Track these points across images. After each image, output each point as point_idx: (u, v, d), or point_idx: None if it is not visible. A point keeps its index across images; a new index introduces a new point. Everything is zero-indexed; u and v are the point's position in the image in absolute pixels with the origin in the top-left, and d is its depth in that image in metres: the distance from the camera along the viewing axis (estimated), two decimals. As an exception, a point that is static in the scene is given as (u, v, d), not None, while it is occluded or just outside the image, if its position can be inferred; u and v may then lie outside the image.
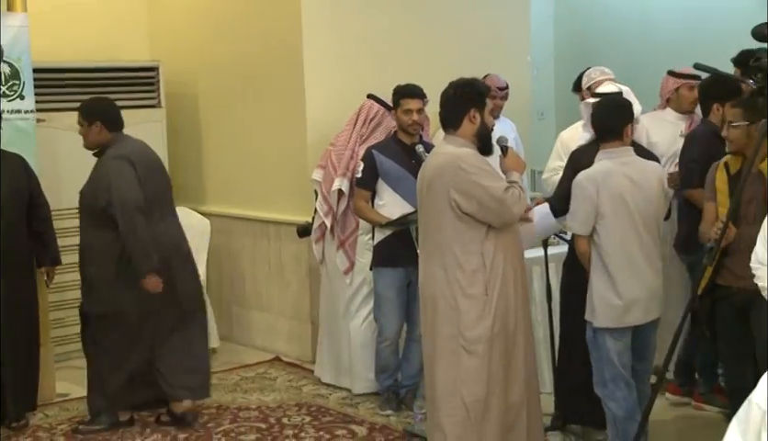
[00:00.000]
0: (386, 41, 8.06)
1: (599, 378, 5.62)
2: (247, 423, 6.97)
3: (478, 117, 5.36)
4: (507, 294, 5.32)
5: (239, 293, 8.86)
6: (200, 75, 8.96)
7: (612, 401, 5.58)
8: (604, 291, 5.52)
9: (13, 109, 7.34)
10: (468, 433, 5.28)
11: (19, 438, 6.86)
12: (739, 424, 3.68)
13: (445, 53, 8.16)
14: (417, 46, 8.12)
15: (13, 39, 7.33)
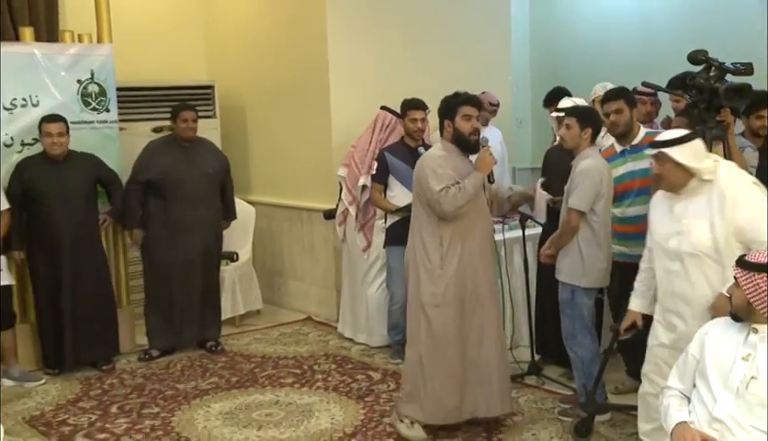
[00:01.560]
0: (394, 64, 8.04)
1: (569, 331, 5.59)
2: (286, 369, 6.98)
3: (450, 125, 5.40)
4: (463, 269, 5.33)
5: (278, 266, 8.84)
6: (247, 92, 8.95)
7: (580, 348, 5.56)
8: (594, 257, 5.46)
9: (101, 120, 7.39)
10: (419, 377, 5.35)
11: (108, 378, 6.88)
12: (677, 370, 3.65)
13: (441, 74, 8.09)
14: (420, 68, 8.08)
15: (101, 64, 7.38)
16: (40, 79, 7.15)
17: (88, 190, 7.02)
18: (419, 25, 8.22)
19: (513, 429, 5.54)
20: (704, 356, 3.49)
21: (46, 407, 6.33)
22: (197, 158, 7.35)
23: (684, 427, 3.41)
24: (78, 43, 7.43)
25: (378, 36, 8.02)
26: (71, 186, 6.89)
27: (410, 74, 7.91)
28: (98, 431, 5.84)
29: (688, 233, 4.24)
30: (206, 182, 7.35)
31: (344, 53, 7.91)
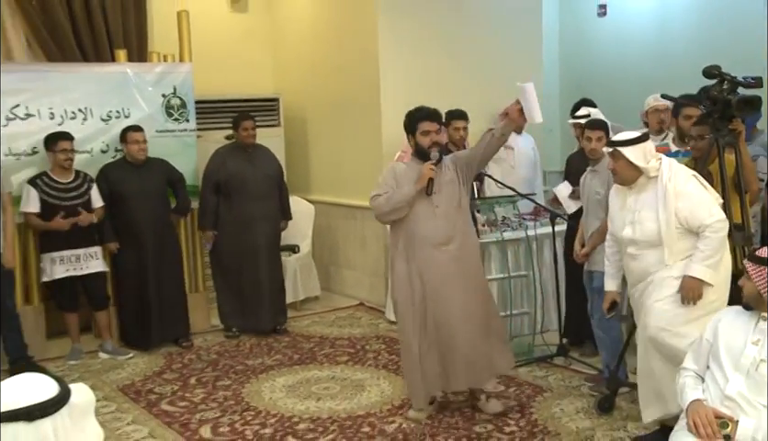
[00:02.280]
0: (437, 78, 8.01)
1: (601, 315, 5.56)
2: (341, 348, 7.02)
3: (412, 140, 5.34)
4: (420, 272, 5.20)
5: (334, 257, 8.87)
6: (308, 104, 9.00)
7: (612, 329, 5.61)
8: None
9: (182, 129, 7.51)
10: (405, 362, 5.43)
11: (187, 354, 7.02)
12: (692, 353, 3.66)
13: (480, 86, 8.12)
14: (460, 81, 8.07)
15: (182, 80, 7.51)
16: (131, 94, 7.31)
17: (163, 190, 7.16)
18: (459, 43, 8.21)
19: (543, 404, 5.55)
20: (717, 341, 3.50)
21: (135, 378, 6.46)
22: (258, 161, 7.44)
23: (699, 404, 3.40)
24: (163, 62, 7.57)
25: (422, 53, 8.02)
26: (149, 187, 7.03)
27: (451, 87, 7.89)
28: (179, 399, 5.94)
29: (639, 223, 4.46)
30: (266, 182, 7.43)
31: (393, 70, 7.94)
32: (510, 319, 6.62)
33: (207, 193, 7.35)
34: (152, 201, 7.02)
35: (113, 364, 6.78)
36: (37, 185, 6.67)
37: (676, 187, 4.33)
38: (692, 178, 4.38)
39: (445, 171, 5.28)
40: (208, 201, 7.35)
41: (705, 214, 4.25)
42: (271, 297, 7.48)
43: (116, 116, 7.22)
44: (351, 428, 5.27)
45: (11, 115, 6.86)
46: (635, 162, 4.41)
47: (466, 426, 5.24)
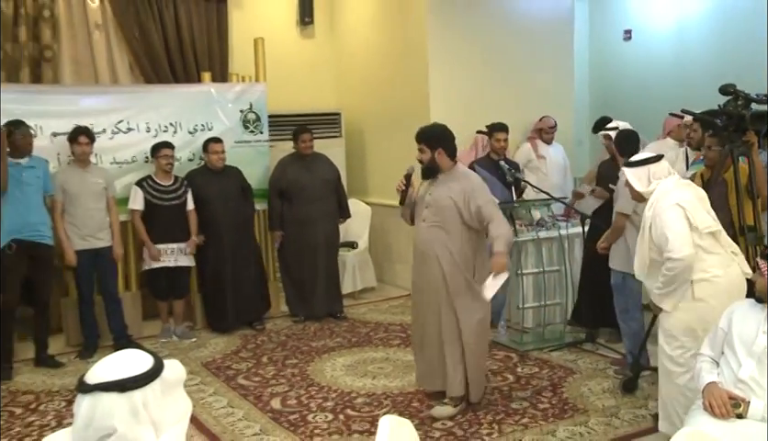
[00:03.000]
0: (480, 94, 8.01)
1: (623, 308, 5.59)
2: (393, 333, 7.05)
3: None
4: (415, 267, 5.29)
5: (388, 253, 8.88)
6: (365, 117, 9.03)
7: (632, 321, 5.58)
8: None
9: (256, 140, 7.62)
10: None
11: (260, 336, 7.09)
12: (708, 340, 3.66)
13: (518, 101, 8.11)
14: (501, 96, 8.04)
15: (258, 98, 7.62)
16: (214, 110, 7.43)
17: (238, 193, 7.22)
18: (499, 63, 8.19)
19: (573, 384, 5.55)
20: (731, 330, 3.48)
21: (216, 355, 6.54)
22: (316, 168, 7.47)
23: (714, 386, 3.39)
24: (241, 83, 7.68)
25: (466, 72, 8.01)
26: (227, 191, 7.11)
27: (492, 102, 7.87)
28: (253, 375, 6.01)
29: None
30: (323, 186, 7.46)
31: (440, 87, 7.93)
32: (544, 309, 6.62)
33: (273, 198, 7.45)
34: (229, 203, 7.11)
35: (198, 344, 6.89)
36: (143, 186, 6.81)
37: (655, 211, 4.15)
38: (675, 208, 4.10)
39: (443, 192, 5.06)
40: (274, 206, 7.44)
41: (668, 246, 4.02)
42: (327, 287, 7.53)
43: (201, 129, 7.35)
44: (402, 403, 5.31)
45: (116, 129, 7.02)
46: (632, 183, 4.31)
47: (504, 403, 5.25)
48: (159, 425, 1.99)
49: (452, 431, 4.83)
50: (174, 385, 2.06)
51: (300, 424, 5.05)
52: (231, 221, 7.12)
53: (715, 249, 4.10)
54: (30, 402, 5.65)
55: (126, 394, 1.93)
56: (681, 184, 4.33)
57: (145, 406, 1.95)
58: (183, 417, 2.09)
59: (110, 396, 1.92)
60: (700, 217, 4.10)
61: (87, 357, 6.54)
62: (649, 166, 4.30)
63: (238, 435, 4.90)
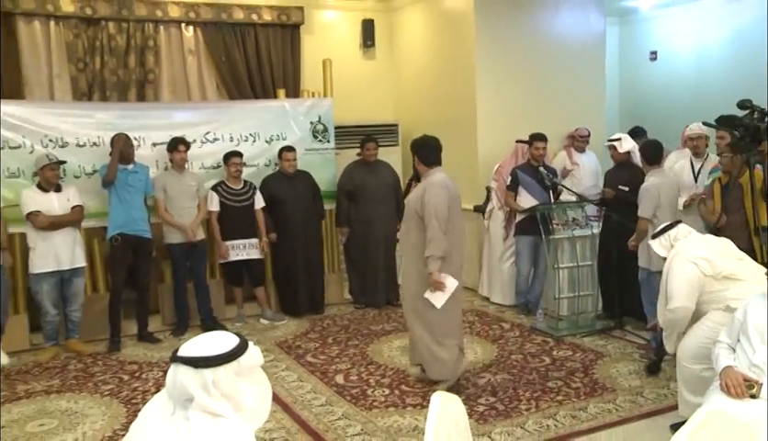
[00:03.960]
0: (521, 106, 7.93)
1: (649, 300, 5.53)
2: (444, 318, 7.03)
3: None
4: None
5: (440, 247, 8.82)
6: (420, 127, 8.82)
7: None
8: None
9: (324, 148, 7.62)
10: None
11: (326, 320, 7.13)
12: (726, 330, 3.62)
13: (555, 113, 8.01)
14: (540, 109, 7.95)
15: (325, 111, 7.63)
16: (288, 122, 7.47)
17: (309, 194, 7.24)
18: (538, 80, 8.10)
19: (603, 366, 5.51)
20: (746, 320, 3.45)
21: (288, 336, 6.62)
22: (378, 173, 7.48)
23: (730, 369, 3.38)
24: (311, 98, 7.71)
25: (510, 88, 7.95)
26: (299, 193, 7.15)
27: (532, 114, 7.81)
28: (320, 354, 6.07)
29: None
30: (384, 189, 7.46)
31: (486, 101, 7.89)
32: (577, 299, 6.58)
33: (341, 199, 7.47)
34: (300, 204, 7.15)
35: (272, 326, 6.97)
36: (218, 190, 6.90)
37: (670, 264, 4.23)
38: (686, 263, 4.13)
39: (412, 194, 5.25)
40: (342, 205, 7.47)
41: (669, 295, 4.14)
42: (386, 278, 7.54)
43: (276, 138, 7.40)
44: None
45: (204, 139, 7.12)
46: (657, 252, 4.42)
47: (541, 382, 5.24)
48: (236, 402, 2.02)
49: (494, 406, 4.83)
50: (249, 369, 2.07)
51: (361, 397, 5.08)
52: (302, 219, 7.16)
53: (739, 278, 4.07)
54: (135, 371, 5.83)
55: (198, 370, 1.99)
56: (698, 240, 4.35)
57: (215, 383, 1.98)
58: (264, 398, 2.12)
59: (186, 369, 1.99)
60: (719, 263, 4.11)
61: (179, 335, 6.69)
62: (669, 233, 4.40)
63: (307, 406, 4.97)
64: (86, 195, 6.42)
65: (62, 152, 6.42)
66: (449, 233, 4.89)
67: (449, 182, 5.06)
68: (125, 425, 4.70)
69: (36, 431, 4.75)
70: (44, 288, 6.13)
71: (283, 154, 7.16)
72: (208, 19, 8.00)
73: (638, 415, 4.65)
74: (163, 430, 2.00)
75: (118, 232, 6.32)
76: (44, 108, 6.70)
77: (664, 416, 4.57)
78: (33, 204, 6.05)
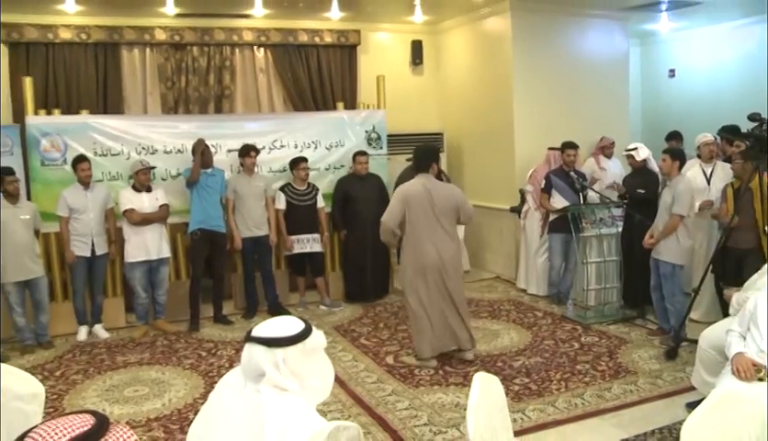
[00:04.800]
0: (554, 117, 7.88)
1: (671, 292, 5.48)
2: (483, 307, 7.04)
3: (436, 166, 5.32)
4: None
5: (480, 243, 8.82)
6: (463, 136, 9.01)
7: (678, 303, 5.48)
8: (685, 244, 5.39)
9: (378, 154, 7.62)
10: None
11: (379, 306, 7.17)
12: (739, 320, 3.61)
13: (583, 122, 7.97)
14: (570, 121, 7.89)
15: (379, 121, 7.67)
16: (345, 131, 7.53)
17: (378, 194, 7.19)
18: (569, 94, 8.06)
19: (626, 351, 5.50)
20: (756, 311, 3.45)
21: (344, 321, 6.69)
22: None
23: (741, 355, 3.38)
24: (366, 109, 7.74)
25: (544, 100, 7.92)
26: (369, 192, 7.16)
27: (564, 124, 7.75)
28: (372, 337, 6.13)
29: None
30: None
31: (523, 112, 7.87)
32: (603, 290, 6.55)
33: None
34: (370, 201, 7.09)
35: (331, 312, 7.03)
36: (285, 191, 7.01)
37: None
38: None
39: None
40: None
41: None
42: None
43: (335, 145, 7.47)
44: (489, 363, 5.35)
45: (272, 146, 7.23)
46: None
47: (570, 365, 5.24)
48: (303, 379, 2.06)
49: (528, 386, 4.86)
50: (314, 350, 2.11)
51: (408, 376, 5.14)
52: (370, 216, 7.02)
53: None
54: (211, 348, 5.99)
55: (270, 349, 2.03)
56: None
57: (285, 362, 2.03)
58: (326, 377, 2.15)
59: (260, 348, 2.04)
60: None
61: (249, 318, 6.83)
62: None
63: (360, 383, 5.05)
64: (171, 195, 6.62)
65: (152, 158, 6.64)
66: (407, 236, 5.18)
67: (412, 188, 5.22)
68: (203, 395, 4.87)
69: (131, 395, 4.96)
70: (136, 274, 6.35)
71: (356, 158, 7.22)
72: (276, 42, 8.16)
73: (657, 395, 4.65)
74: (236, 401, 2.06)
75: (197, 228, 6.49)
76: (138, 121, 6.96)
77: (681, 396, 4.56)
78: (128, 202, 6.28)
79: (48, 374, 5.41)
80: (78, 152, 6.42)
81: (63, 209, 6.12)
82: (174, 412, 4.65)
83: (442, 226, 5.17)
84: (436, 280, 5.18)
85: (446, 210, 5.17)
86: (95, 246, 6.20)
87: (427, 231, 5.15)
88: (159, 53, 7.79)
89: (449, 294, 5.21)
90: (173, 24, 7.71)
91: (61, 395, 5.00)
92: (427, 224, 5.15)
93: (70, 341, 6.28)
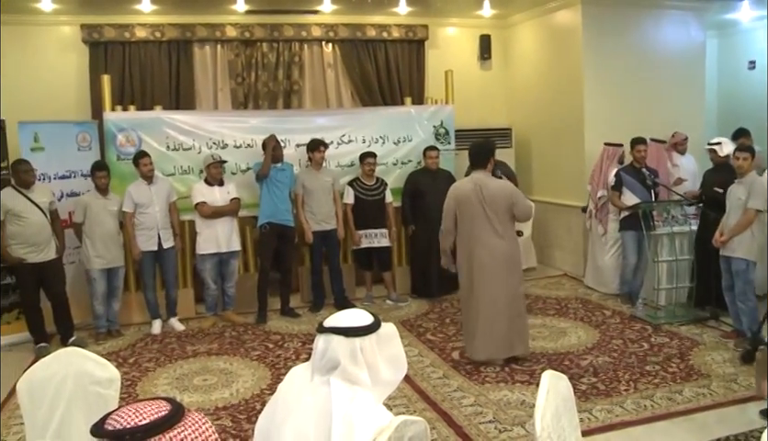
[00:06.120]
0: (624, 112, 7.73)
1: (741, 291, 5.33)
2: (550, 305, 6.98)
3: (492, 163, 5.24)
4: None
5: (548, 240, 8.75)
6: (531, 131, 8.93)
7: (749, 301, 5.33)
8: (761, 240, 5.23)
9: (446, 149, 7.58)
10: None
11: (444, 302, 7.14)
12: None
13: (656, 117, 7.77)
14: (641, 115, 7.71)
15: (447, 116, 7.66)
16: (413, 126, 7.54)
17: (447, 189, 7.05)
18: (641, 87, 7.88)
19: (698, 354, 5.35)
20: None
21: (410, 316, 6.74)
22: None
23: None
24: (434, 105, 7.74)
25: (614, 93, 7.77)
26: (439, 187, 6.85)
27: (634, 119, 7.58)
28: (438, 332, 6.14)
29: None
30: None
31: (593, 107, 7.76)
32: (675, 290, 6.39)
33: None
34: (440, 196, 6.75)
35: (397, 307, 7.09)
36: (353, 186, 7.06)
37: None
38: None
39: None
40: None
41: None
42: None
43: (403, 140, 7.49)
44: (556, 361, 5.29)
45: (340, 141, 7.31)
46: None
47: (639, 366, 5.14)
48: (374, 370, 2.08)
49: (596, 386, 4.79)
50: (388, 339, 2.14)
51: (474, 372, 5.14)
52: (440, 212, 6.97)
53: None
54: (278, 341, 6.11)
55: (348, 339, 2.04)
56: None
57: (362, 351, 2.05)
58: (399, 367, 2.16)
59: (337, 338, 2.05)
60: None
61: (316, 311, 6.93)
62: None
63: (426, 378, 5.07)
64: (241, 189, 6.77)
65: (222, 152, 6.81)
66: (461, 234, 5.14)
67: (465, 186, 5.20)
68: (270, 386, 4.97)
69: (201, 384, 5.11)
70: (207, 266, 6.53)
71: (427, 153, 7.22)
72: (344, 37, 8.26)
73: (731, 400, 4.51)
74: (304, 393, 2.09)
75: (266, 221, 6.62)
76: (209, 116, 7.16)
77: (758, 403, 4.40)
78: (200, 196, 6.47)
79: (122, 361, 5.63)
80: (151, 146, 6.65)
81: (129, 205, 6.33)
82: (241, 401, 4.77)
83: (492, 224, 5.04)
84: (486, 280, 5.08)
85: (497, 207, 5.04)
86: (161, 239, 6.39)
87: (477, 229, 5.07)
88: (229, 50, 7.98)
89: (500, 295, 5.09)
90: (243, 21, 7.89)
91: (134, 382, 5.19)
92: (478, 222, 5.06)
93: (142, 330, 6.52)
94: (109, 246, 6.20)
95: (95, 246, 6.14)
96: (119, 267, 6.32)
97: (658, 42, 8.06)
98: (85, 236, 6.17)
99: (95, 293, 6.20)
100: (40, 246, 5.86)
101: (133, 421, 1.44)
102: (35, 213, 5.85)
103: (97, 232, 6.14)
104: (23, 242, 5.80)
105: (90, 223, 6.14)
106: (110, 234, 6.22)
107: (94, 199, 6.18)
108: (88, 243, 6.15)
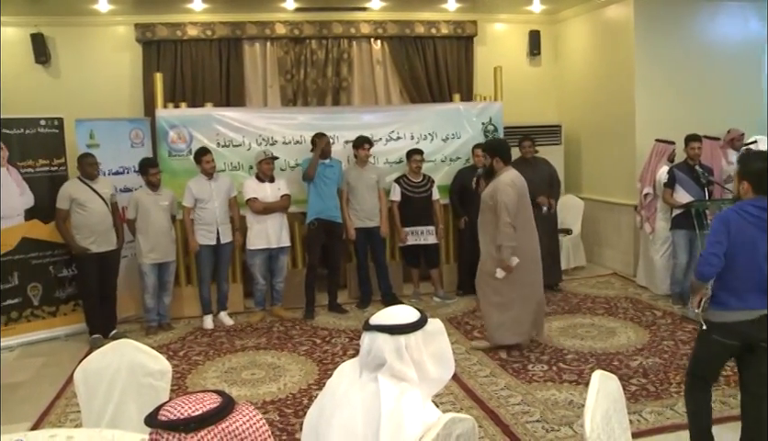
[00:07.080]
0: (676, 109, 7.57)
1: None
2: (599, 304, 6.86)
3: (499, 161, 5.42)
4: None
5: (596, 238, 8.61)
6: (581, 128, 8.82)
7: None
8: None
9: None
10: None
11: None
12: None
13: (710, 114, 7.58)
14: (694, 112, 7.55)
15: (496, 113, 7.59)
16: (461, 123, 7.50)
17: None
18: (695, 83, 7.71)
19: (755, 357, 5.21)
20: None
21: (457, 313, 6.72)
22: (536, 168, 7.19)
23: None
24: (483, 102, 7.70)
25: (666, 90, 7.62)
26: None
27: (688, 116, 7.43)
28: (485, 330, 6.01)
29: None
30: (541, 181, 7.13)
31: (644, 103, 7.62)
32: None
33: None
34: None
35: (445, 304, 7.07)
36: (400, 183, 7.07)
37: None
38: None
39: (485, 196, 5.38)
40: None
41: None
42: (549, 264, 7.24)
43: (451, 137, 7.47)
44: (605, 361, 5.21)
45: (388, 137, 7.33)
46: None
47: (691, 367, 5.04)
48: (422, 367, 2.07)
49: (645, 387, 4.71)
50: (434, 336, 2.12)
51: (522, 371, 5.11)
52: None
53: None
54: (325, 336, 6.16)
55: (393, 336, 2.04)
56: None
57: (407, 348, 2.04)
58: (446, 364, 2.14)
59: (383, 336, 2.05)
60: None
61: (363, 307, 6.96)
62: None
63: (473, 376, 5.05)
64: (290, 185, 6.82)
65: (271, 149, 6.87)
66: (519, 226, 5.19)
67: (518, 180, 5.32)
68: (317, 381, 5.02)
69: (249, 378, 5.19)
70: (257, 261, 6.62)
71: (475, 150, 7.15)
72: (393, 34, 8.28)
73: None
74: (353, 389, 2.10)
75: (315, 218, 6.67)
76: (259, 113, 7.24)
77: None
78: (252, 192, 6.55)
79: (172, 354, 5.75)
80: (202, 143, 6.76)
81: (189, 200, 6.45)
82: (288, 396, 4.82)
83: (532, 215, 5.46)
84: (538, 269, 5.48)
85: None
86: (219, 235, 6.49)
87: (530, 218, 5.40)
88: (279, 47, 8.08)
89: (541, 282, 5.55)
90: (292, 18, 7.97)
91: (184, 374, 5.30)
92: (529, 212, 5.40)
93: (192, 324, 6.64)
94: (161, 241, 6.32)
95: (147, 241, 6.28)
96: (171, 262, 6.45)
97: (714, 36, 7.86)
98: (138, 232, 6.32)
99: (146, 287, 6.34)
100: (103, 236, 6.06)
101: (186, 412, 1.47)
102: (98, 203, 6.04)
103: (150, 228, 6.28)
104: (87, 231, 6.00)
105: (142, 219, 6.29)
106: (162, 229, 6.34)
107: (145, 195, 6.32)
108: (141, 238, 6.29)
